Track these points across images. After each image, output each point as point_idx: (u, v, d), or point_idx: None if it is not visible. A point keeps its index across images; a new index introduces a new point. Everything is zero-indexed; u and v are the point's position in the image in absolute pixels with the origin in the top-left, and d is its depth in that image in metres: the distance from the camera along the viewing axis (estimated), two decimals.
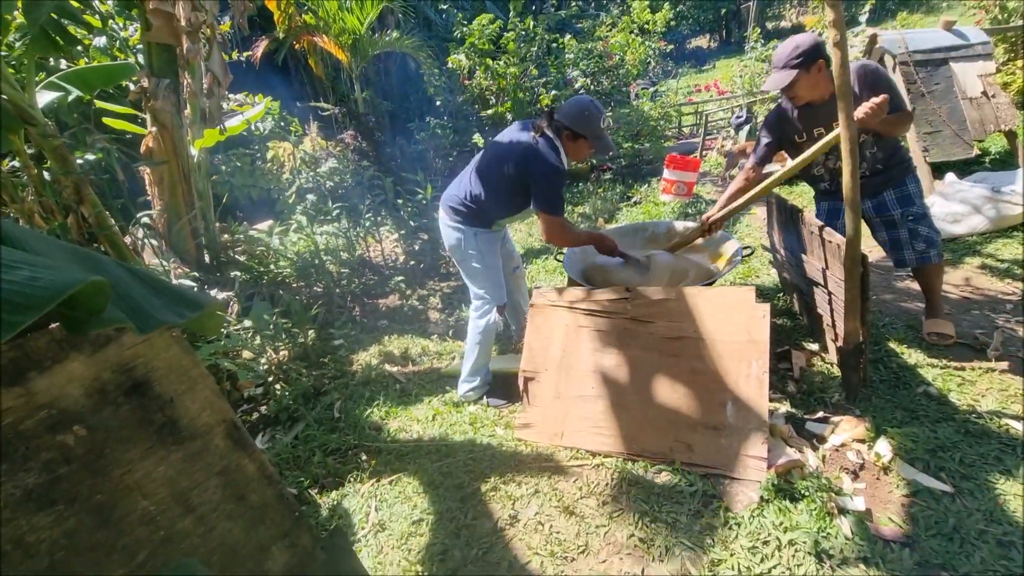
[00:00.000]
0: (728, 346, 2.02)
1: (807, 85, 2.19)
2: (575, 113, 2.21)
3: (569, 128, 2.22)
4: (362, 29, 6.09)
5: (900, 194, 2.35)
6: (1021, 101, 5.34)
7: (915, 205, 2.34)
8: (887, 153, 2.32)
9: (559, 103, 6.16)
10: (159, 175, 3.41)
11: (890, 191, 2.36)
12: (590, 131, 2.22)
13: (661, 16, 7.54)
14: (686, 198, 5.32)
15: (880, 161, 2.32)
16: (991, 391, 2.11)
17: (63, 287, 0.54)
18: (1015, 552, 1.47)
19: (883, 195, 2.37)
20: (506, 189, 2.30)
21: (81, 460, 1.04)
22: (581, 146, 2.27)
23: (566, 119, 2.22)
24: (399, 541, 1.85)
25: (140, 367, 1.09)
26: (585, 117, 2.20)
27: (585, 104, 2.22)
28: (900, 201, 2.35)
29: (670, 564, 1.60)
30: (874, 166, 2.33)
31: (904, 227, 2.36)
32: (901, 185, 2.35)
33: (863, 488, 1.77)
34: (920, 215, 2.35)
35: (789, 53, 2.17)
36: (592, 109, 2.21)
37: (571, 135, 2.24)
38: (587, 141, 2.25)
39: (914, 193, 2.35)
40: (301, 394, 2.76)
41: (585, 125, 2.21)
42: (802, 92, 2.22)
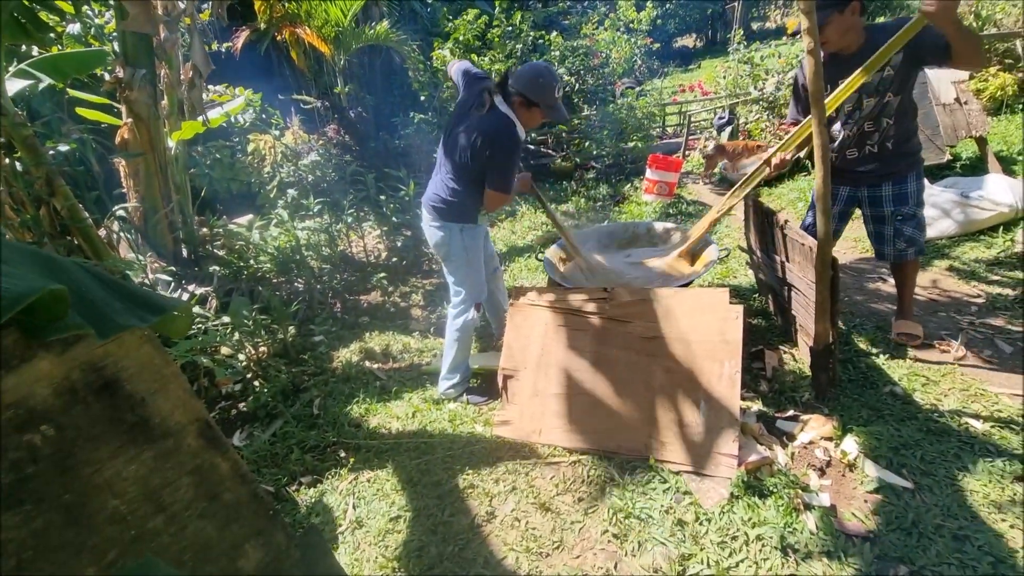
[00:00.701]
0: (702, 346, 2.06)
1: (839, 28, 2.06)
2: (528, 80, 2.16)
3: (523, 95, 2.18)
4: (345, 21, 6.02)
5: (898, 191, 2.32)
6: (992, 108, 5.50)
7: (908, 206, 2.32)
8: (901, 134, 2.25)
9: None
10: (135, 167, 3.34)
11: (889, 185, 2.32)
12: (544, 99, 2.18)
13: (646, 14, 7.57)
14: (668, 198, 5.37)
15: (891, 139, 2.25)
16: (953, 391, 2.18)
17: (20, 296, 0.54)
18: (969, 545, 1.53)
19: (881, 188, 2.34)
20: (476, 175, 2.27)
21: (49, 459, 1.03)
22: (534, 114, 2.23)
23: (520, 86, 2.17)
24: (376, 538, 1.86)
25: (110, 366, 1.08)
26: (539, 85, 2.15)
27: (540, 71, 2.17)
28: (895, 199, 2.33)
29: (642, 559, 1.64)
30: (883, 143, 2.26)
31: (891, 225, 2.37)
32: (902, 182, 2.31)
33: (829, 485, 1.83)
34: (910, 216, 2.34)
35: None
36: (547, 75, 2.16)
37: (524, 102, 2.19)
38: (540, 109, 2.21)
39: (911, 192, 2.32)
40: (280, 391, 2.75)
41: (539, 93, 2.16)
42: (833, 36, 2.08)
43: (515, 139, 2.21)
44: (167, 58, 3.45)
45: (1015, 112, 5.47)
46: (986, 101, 5.47)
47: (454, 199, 2.35)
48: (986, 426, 1.97)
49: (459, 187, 2.32)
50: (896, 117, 2.23)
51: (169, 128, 3.48)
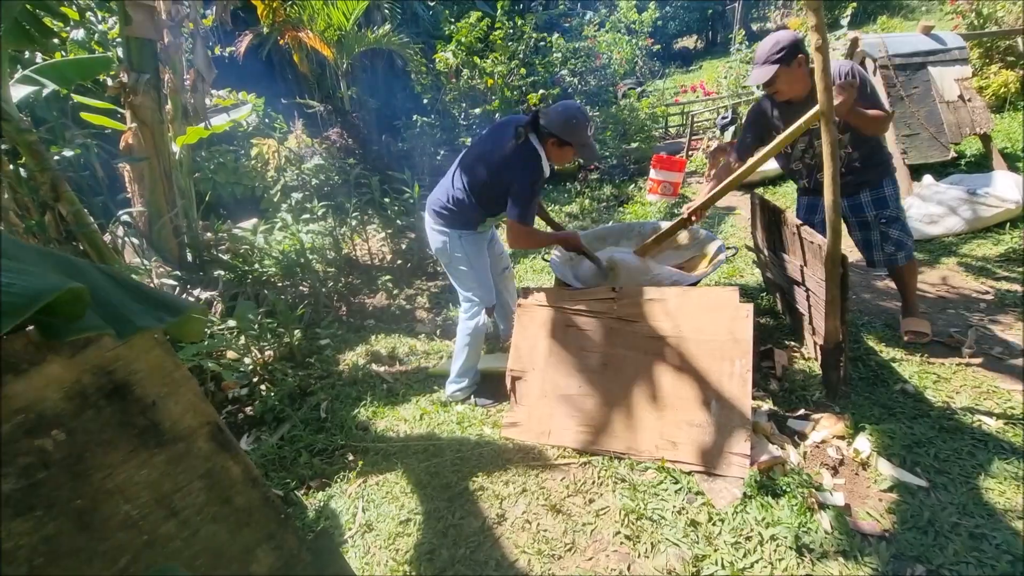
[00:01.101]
0: (712, 345, 2.05)
1: (787, 80, 2.22)
2: (562, 121, 2.19)
3: (556, 136, 2.21)
4: (348, 25, 6.03)
5: (876, 196, 2.40)
6: (996, 105, 5.49)
7: (889, 208, 2.39)
8: (864, 153, 2.36)
9: (546, 103, 6.18)
10: (140, 172, 3.34)
11: (866, 192, 2.40)
12: (576, 139, 2.21)
13: (647, 16, 7.58)
14: (672, 198, 5.35)
15: (857, 160, 2.36)
16: (965, 388, 2.16)
17: (40, 293, 0.54)
18: (987, 544, 1.51)
19: (859, 196, 2.41)
20: (488, 192, 2.30)
21: (60, 464, 1.02)
22: (566, 152, 2.28)
23: (552, 127, 2.20)
24: (387, 541, 1.85)
25: (121, 370, 1.07)
26: (572, 126, 2.19)
27: (572, 112, 2.21)
28: (875, 204, 2.40)
29: (655, 560, 1.63)
30: (850, 164, 2.36)
31: (876, 229, 2.43)
32: (878, 187, 2.39)
33: (842, 484, 1.81)
34: (893, 218, 2.40)
35: (770, 49, 2.20)
36: (580, 117, 2.20)
37: (557, 142, 2.23)
38: (572, 148, 2.25)
39: (890, 196, 2.39)
40: (287, 395, 2.74)
41: (572, 133, 2.20)
42: (783, 87, 2.26)
43: (538, 173, 2.23)
44: (171, 63, 3.45)
45: (1018, 109, 5.45)
46: (989, 98, 5.45)
47: (456, 208, 2.35)
48: (999, 423, 1.95)
49: (466, 200, 2.33)
50: (853, 144, 2.34)
51: (173, 133, 3.49)
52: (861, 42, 4.55)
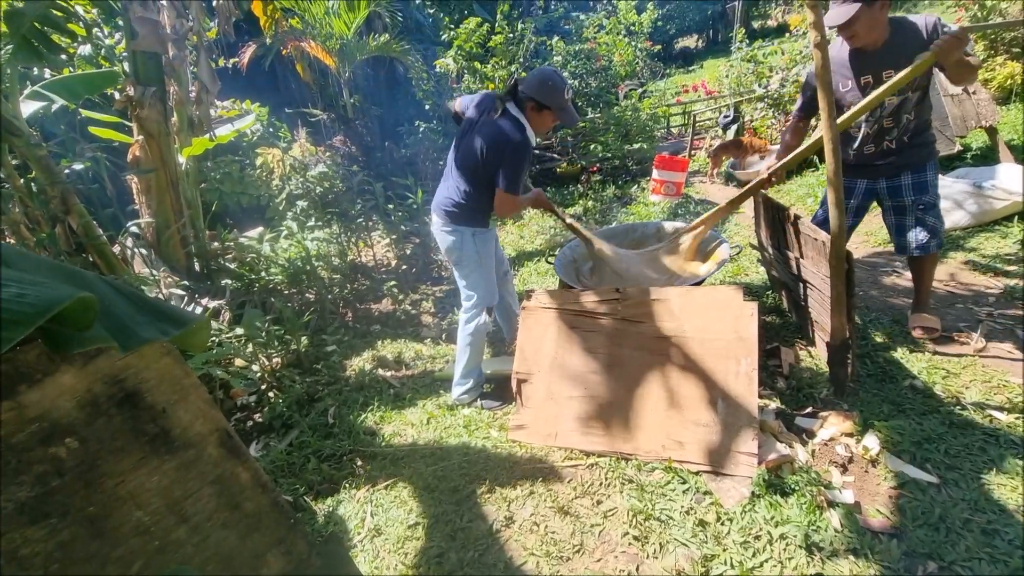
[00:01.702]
0: (717, 344, 2.05)
1: (868, 23, 2.05)
2: (539, 85, 2.22)
3: (534, 99, 2.23)
4: (349, 34, 6.09)
5: (917, 180, 2.31)
6: (1002, 97, 5.44)
7: (928, 194, 2.31)
8: (919, 127, 2.27)
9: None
10: (147, 184, 3.39)
11: (908, 175, 2.32)
12: (554, 102, 2.23)
13: (647, 17, 7.59)
14: (675, 198, 5.36)
15: (909, 133, 2.27)
16: (975, 383, 2.15)
17: (51, 304, 0.55)
18: (999, 540, 1.50)
19: (900, 178, 2.33)
20: (485, 175, 2.29)
21: (74, 472, 1.04)
22: (545, 117, 2.29)
23: (530, 90, 2.23)
24: (395, 545, 1.86)
25: (131, 378, 1.09)
26: (549, 88, 2.21)
27: (548, 75, 2.24)
28: (915, 188, 2.32)
29: (664, 561, 1.62)
30: (902, 137, 2.27)
31: (912, 215, 2.35)
32: (920, 171, 2.31)
33: (852, 481, 1.80)
34: (931, 205, 2.32)
35: None
36: (556, 79, 2.22)
37: (536, 107, 2.25)
38: (551, 112, 2.26)
39: (930, 182, 2.31)
40: (295, 401, 2.76)
41: (549, 96, 2.22)
42: (861, 30, 2.07)
43: (525, 141, 2.24)
44: (176, 76, 3.50)
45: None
46: (995, 90, 5.42)
47: (466, 202, 2.36)
48: (1011, 418, 1.93)
49: (471, 190, 2.34)
50: (915, 112, 2.24)
51: (179, 144, 3.53)
52: None
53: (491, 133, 2.24)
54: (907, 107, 2.22)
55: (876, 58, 2.12)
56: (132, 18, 3.10)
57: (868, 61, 2.16)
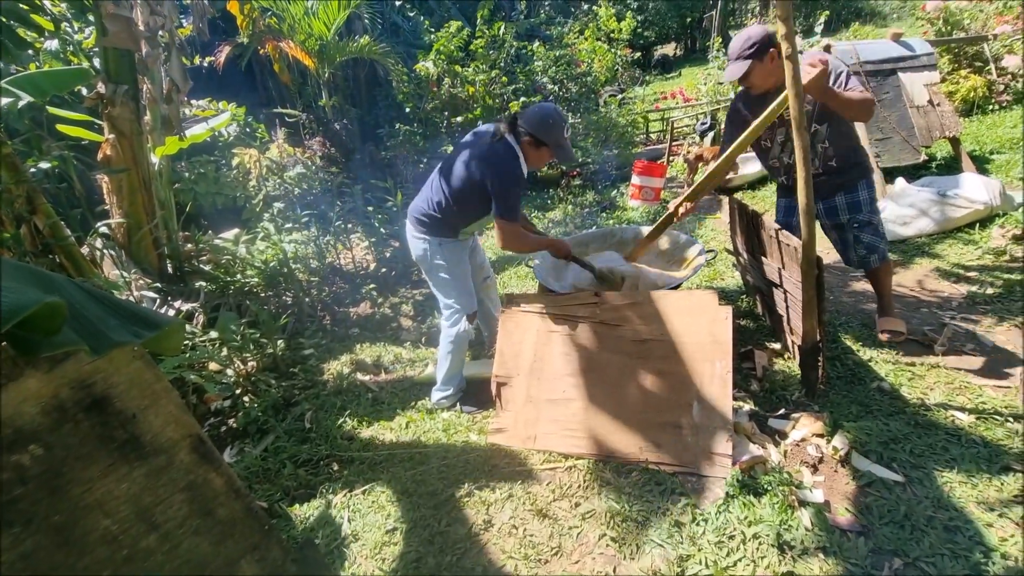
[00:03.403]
0: (693, 347, 2.08)
1: (761, 74, 2.24)
2: (539, 121, 2.22)
3: (532, 135, 2.23)
4: (329, 34, 6.04)
5: (851, 200, 2.43)
6: (965, 109, 5.67)
7: (862, 213, 2.42)
8: (841, 152, 2.37)
9: (524, 108, 6.23)
10: (118, 183, 3.30)
11: (842, 195, 2.43)
12: (553, 140, 2.23)
13: (626, 24, 7.70)
14: (654, 203, 5.40)
15: (833, 158, 2.37)
16: (939, 384, 2.23)
17: (17, 309, 0.54)
18: (960, 536, 1.56)
19: (835, 199, 2.45)
20: (468, 196, 2.29)
21: (38, 480, 1.01)
22: (543, 154, 2.29)
23: (529, 126, 2.23)
24: (373, 551, 1.84)
25: (100, 383, 1.07)
26: (549, 126, 2.22)
27: (549, 112, 2.24)
28: (849, 207, 2.43)
29: (641, 562, 1.64)
30: (826, 163, 2.38)
31: (850, 232, 2.47)
32: (853, 191, 2.42)
33: (822, 481, 1.85)
34: (865, 223, 2.43)
35: (742, 44, 2.22)
36: (556, 117, 2.23)
37: (533, 142, 2.25)
38: (549, 149, 2.27)
39: (864, 200, 2.42)
40: (270, 406, 2.71)
41: (548, 133, 2.22)
42: (757, 81, 2.28)
43: (516, 170, 2.25)
44: (149, 73, 3.42)
45: (986, 113, 5.63)
46: (958, 103, 5.64)
47: (437, 214, 2.35)
48: (971, 418, 2.00)
49: (446, 204, 2.33)
50: (830, 139, 2.35)
51: (152, 143, 3.45)
52: (833, 49, 4.67)
53: (483, 154, 2.23)
54: (818, 138, 2.34)
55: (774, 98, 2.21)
56: (104, 14, 3.02)
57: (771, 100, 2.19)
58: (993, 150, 4.76)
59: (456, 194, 2.31)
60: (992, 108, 5.66)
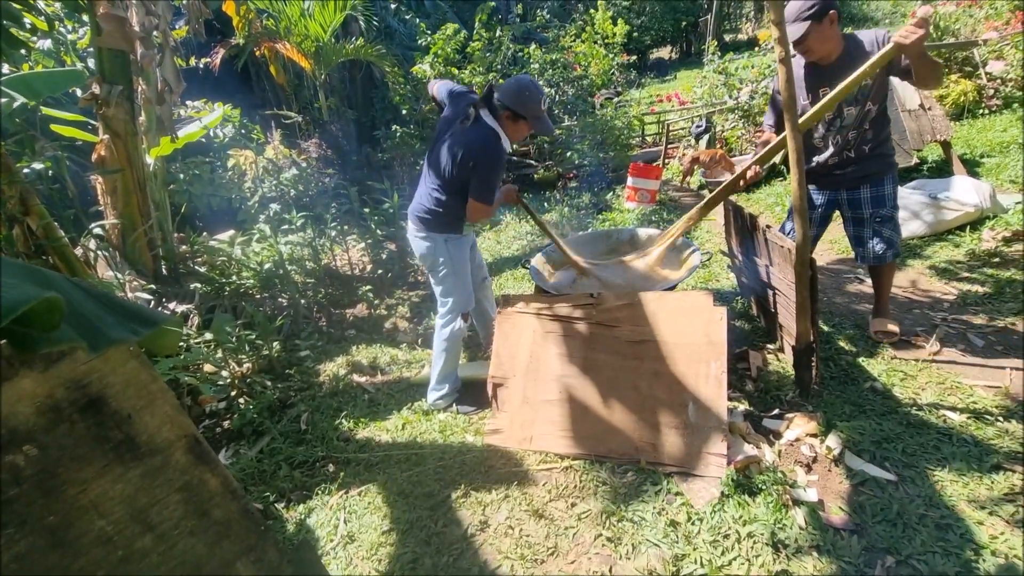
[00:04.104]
0: (688, 348, 2.10)
1: (819, 38, 2.16)
2: (515, 93, 2.20)
3: (510, 108, 2.21)
4: (325, 36, 6.04)
5: (876, 193, 2.39)
6: (956, 113, 5.73)
7: (886, 207, 2.40)
8: (877, 139, 2.34)
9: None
10: (112, 184, 3.29)
11: (867, 187, 2.39)
12: (530, 111, 2.21)
13: (620, 28, 7.74)
14: (650, 205, 5.45)
15: (868, 143, 2.33)
16: (930, 384, 2.25)
17: (15, 304, 0.54)
18: (951, 534, 1.57)
19: (860, 190, 2.41)
20: (458, 182, 2.27)
21: (32, 480, 1.00)
22: (521, 127, 2.27)
23: (506, 99, 2.21)
24: (369, 552, 1.84)
25: (95, 383, 1.06)
26: (526, 97, 2.19)
27: (525, 84, 2.22)
28: (874, 201, 2.40)
29: (636, 561, 1.65)
30: (861, 147, 2.34)
31: (870, 227, 2.44)
32: (879, 184, 2.39)
33: (816, 480, 1.86)
34: (887, 218, 2.41)
35: (800, 6, 2.13)
36: (532, 89, 2.21)
37: (511, 115, 2.23)
38: (527, 122, 2.25)
39: (889, 195, 2.39)
40: (266, 407, 2.70)
41: (526, 105, 2.20)
42: (814, 45, 2.19)
43: (499, 151, 2.24)
44: (144, 74, 3.41)
45: (976, 117, 5.70)
46: (949, 107, 5.70)
47: (439, 209, 2.36)
48: (963, 417, 2.03)
49: (444, 198, 2.33)
50: (873, 123, 2.32)
51: (147, 144, 3.44)
52: None
53: (464, 143, 2.21)
54: (867, 118, 2.30)
55: (830, 72, 2.20)
56: (98, 14, 3.01)
57: (823, 74, 2.24)
58: (983, 153, 4.81)
59: (449, 185, 2.30)
60: (982, 112, 5.72)
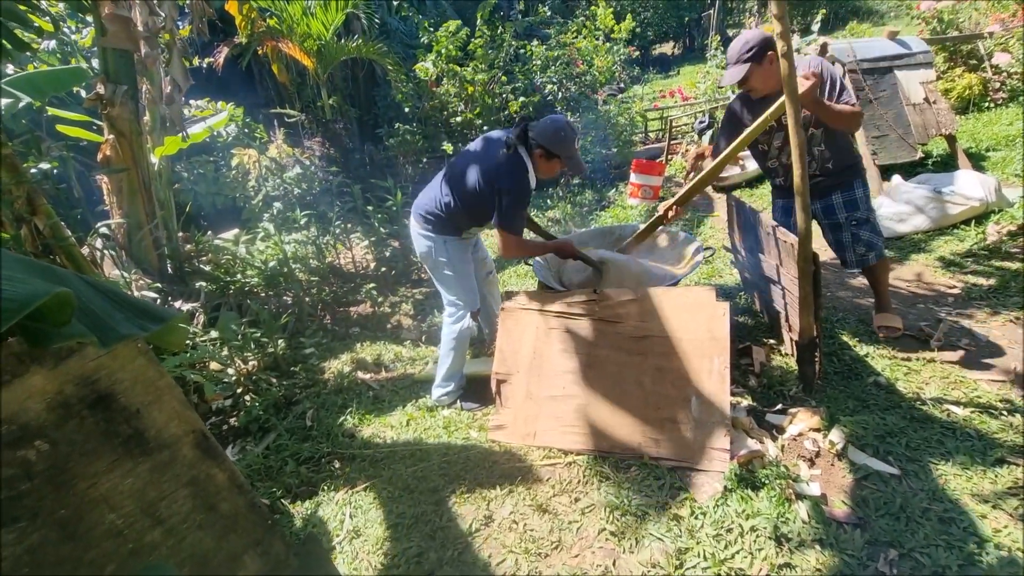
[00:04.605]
0: (691, 344, 2.10)
1: (760, 77, 2.27)
2: (551, 134, 2.24)
3: (544, 147, 2.26)
4: (327, 35, 6.04)
5: (847, 198, 2.45)
6: (961, 107, 5.69)
7: (860, 210, 2.45)
8: (836, 154, 2.40)
9: (528, 111, 6.23)
10: (118, 184, 3.31)
11: (838, 194, 2.46)
12: (564, 152, 2.26)
13: (625, 25, 7.71)
14: (653, 201, 5.42)
15: (829, 161, 2.41)
16: (934, 379, 2.24)
17: (28, 300, 0.55)
18: (955, 527, 1.58)
19: (831, 197, 2.47)
20: (475, 201, 2.32)
21: (44, 475, 1.02)
22: (553, 165, 2.32)
23: (541, 139, 2.25)
24: (374, 546, 1.86)
25: (104, 379, 1.08)
26: (561, 138, 2.24)
27: (561, 125, 2.26)
28: (846, 206, 2.45)
29: (640, 555, 1.66)
30: (823, 166, 2.42)
31: (848, 230, 2.49)
32: (849, 189, 2.44)
33: (818, 474, 1.87)
34: (863, 220, 2.46)
35: (740, 48, 2.26)
36: (567, 131, 2.26)
37: (545, 154, 2.28)
38: (560, 160, 2.30)
39: (860, 198, 2.44)
40: (272, 404, 2.73)
41: (560, 146, 2.25)
42: (756, 84, 2.30)
43: (526, 184, 2.28)
44: (148, 74, 3.43)
45: (981, 110, 5.66)
46: (954, 100, 5.66)
47: (443, 214, 2.37)
48: (966, 412, 2.02)
49: (453, 206, 2.35)
50: (825, 143, 2.39)
51: (152, 144, 3.46)
52: (830, 47, 4.70)
53: (492, 168, 2.25)
54: (815, 141, 2.38)
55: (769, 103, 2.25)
56: (102, 14, 3.03)
57: (770, 104, 2.24)
58: (989, 147, 4.78)
59: (466, 200, 2.33)
60: (988, 106, 5.68)
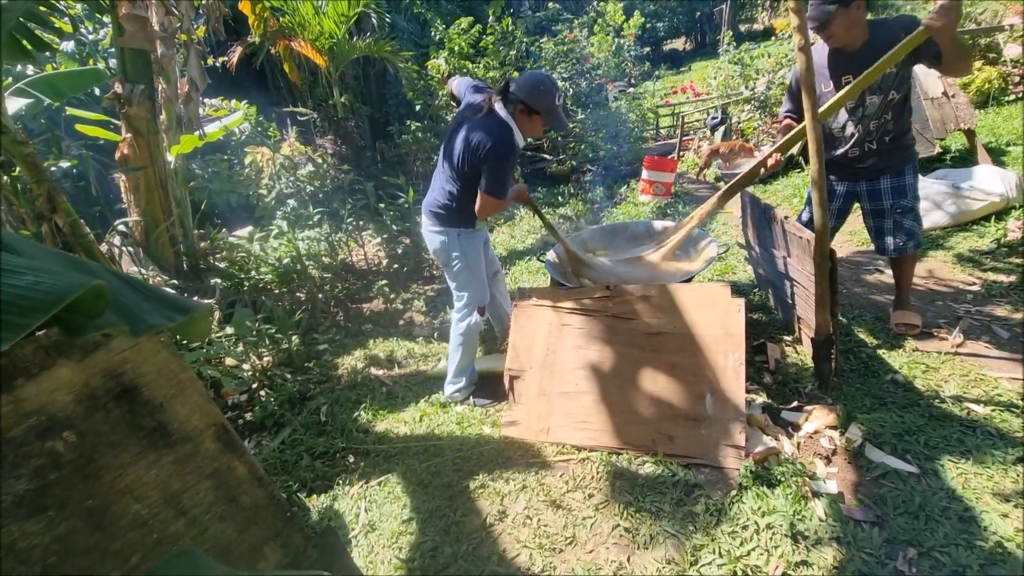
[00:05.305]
0: (706, 340, 2.09)
1: (844, 24, 2.09)
2: (531, 88, 2.19)
3: (524, 103, 2.21)
4: (340, 33, 6.07)
5: (896, 184, 2.35)
6: (980, 101, 5.59)
7: (907, 198, 2.36)
8: (900, 129, 2.29)
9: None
10: (135, 182, 3.36)
11: (887, 178, 2.36)
12: (545, 107, 2.21)
13: (635, 20, 7.67)
14: (665, 198, 5.42)
15: (891, 133, 2.29)
16: (953, 377, 2.21)
17: (66, 292, 0.57)
18: (975, 526, 1.56)
19: (880, 181, 2.37)
20: (472, 174, 2.27)
21: (71, 466, 1.04)
22: (535, 122, 2.27)
23: (521, 93, 2.20)
24: (390, 540, 1.87)
25: (129, 372, 1.10)
26: (540, 92, 2.19)
27: (541, 79, 2.20)
28: (894, 192, 2.36)
29: (654, 552, 1.66)
30: (882, 136, 2.30)
31: (891, 218, 2.40)
32: (900, 175, 2.35)
33: (835, 472, 1.85)
34: (908, 208, 2.37)
35: None
36: (548, 84, 2.20)
37: (526, 110, 2.22)
38: (541, 117, 2.24)
39: (909, 185, 2.35)
40: (286, 400, 2.76)
41: (540, 101, 2.19)
42: (838, 31, 2.12)
43: (511, 144, 2.23)
44: (164, 73, 3.48)
45: (1001, 104, 5.55)
46: (973, 94, 5.55)
47: (452, 204, 2.37)
48: (987, 410, 1.99)
49: (457, 192, 2.34)
50: (895, 113, 2.27)
51: (168, 142, 3.51)
52: None
53: (477, 135, 2.20)
54: (890, 107, 2.24)
55: (855, 59, 2.14)
56: (120, 15, 3.07)
57: (847, 62, 2.18)
58: (1009, 142, 4.68)
59: (461, 177, 2.30)
60: (1008, 99, 5.57)
